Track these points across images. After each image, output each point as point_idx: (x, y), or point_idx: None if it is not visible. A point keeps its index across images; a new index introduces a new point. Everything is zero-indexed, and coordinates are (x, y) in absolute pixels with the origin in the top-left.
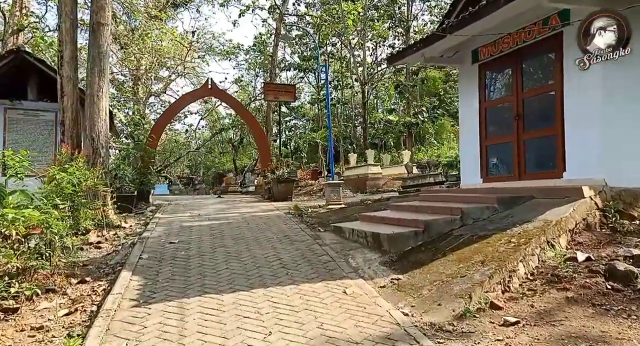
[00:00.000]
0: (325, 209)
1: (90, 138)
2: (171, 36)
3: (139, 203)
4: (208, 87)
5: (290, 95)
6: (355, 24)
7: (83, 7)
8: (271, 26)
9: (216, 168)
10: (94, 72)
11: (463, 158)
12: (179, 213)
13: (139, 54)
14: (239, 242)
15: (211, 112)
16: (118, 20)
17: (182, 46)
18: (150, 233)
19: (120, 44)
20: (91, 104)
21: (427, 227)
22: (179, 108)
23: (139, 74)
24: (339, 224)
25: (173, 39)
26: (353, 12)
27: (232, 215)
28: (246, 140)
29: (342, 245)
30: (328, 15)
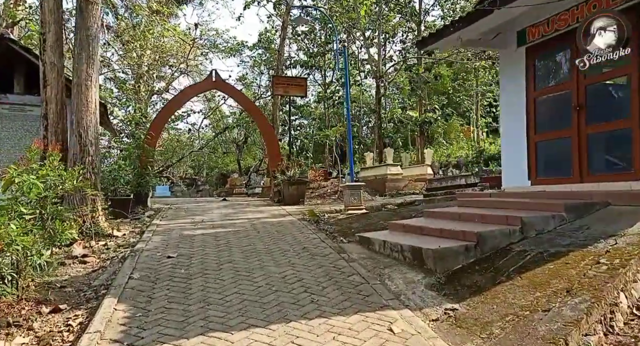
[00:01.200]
0: (344, 215)
1: (77, 134)
2: (174, 33)
3: (135, 208)
4: (212, 79)
5: (301, 89)
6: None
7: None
8: (276, 23)
9: (220, 168)
10: (81, 58)
11: (505, 156)
12: (180, 220)
13: (140, 50)
14: (249, 256)
15: (215, 111)
16: (120, 17)
17: (185, 43)
18: (145, 245)
19: (122, 41)
20: (78, 94)
21: (480, 240)
22: (180, 102)
23: (140, 72)
24: (366, 234)
25: (175, 35)
26: (365, 2)
27: (240, 222)
28: (251, 140)
29: (373, 261)
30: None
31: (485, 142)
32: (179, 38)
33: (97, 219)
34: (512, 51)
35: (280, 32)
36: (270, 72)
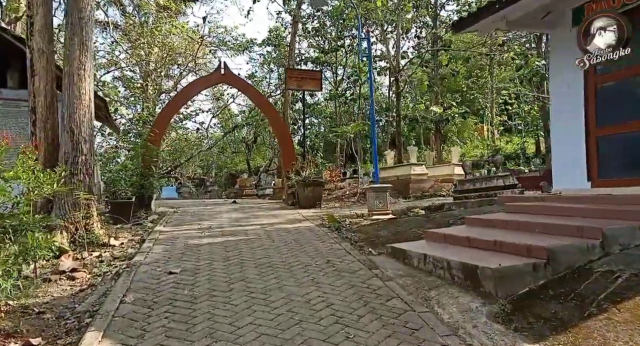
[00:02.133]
0: (368, 220)
1: (69, 130)
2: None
3: (138, 212)
4: (221, 72)
5: (315, 82)
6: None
7: None
8: (286, 20)
9: (229, 168)
10: (73, 44)
11: (557, 154)
12: (186, 225)
13: (148, 48)
14: (264, 272)
15: (224, 109)
16: (128, 15)
17: (193, 41)
18: (144, 257)
19: (129, 39)
20: (70, 86)
21: (552, 257)
22: (187, 96)
23: (148, 70)
24: (399, 245)
25: (183, 33)
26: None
27: (252, 228)
28: (260, 139)
29: (413, 281)
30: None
31: (500, 140)
32: (187, 35)
33: (92, 226)
34: (565, 32)
35: (291, 27)
36: (280, 70)
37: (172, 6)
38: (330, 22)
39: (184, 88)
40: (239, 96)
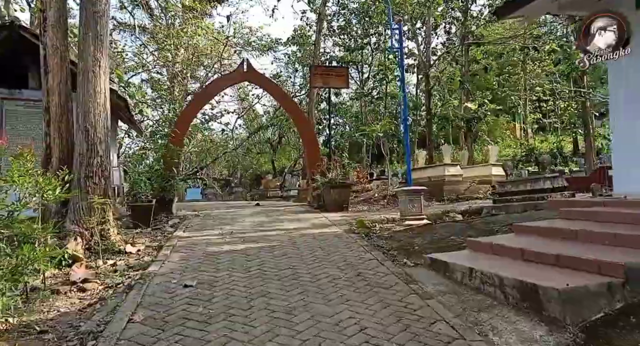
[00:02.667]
0: (401, 226)
1: (84, 130)
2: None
3: (158, 215)
4: (244, 70)
5: (342, 79)
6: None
7: None
8: (310, 19)
9: (254, 169)
10: (87, 39)
11: (620, 153)
12: (206, 230)
13: (175, 50)
14: (288, 286)
15: (248, 110)
16: (155, 17)
17: (219, 42)
18: (159, 267)
19: (156, 41)
20: (84, 83)
21: (631, 276)
22: (210, 95)
23: (175, 72)
24: (439, 256)
25: (209, 34)
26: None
27: (275, 234)
28: (285, 140)
29: (459, 299)
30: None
31: (534, 139)
32: (212, 36)
33: (108, 232)
34: (630, 15)
35: (316, 24)
36: (304, 69)
37: (198, 7)
38: (356, 19)
39: (207, 87)
40: (264, 96)
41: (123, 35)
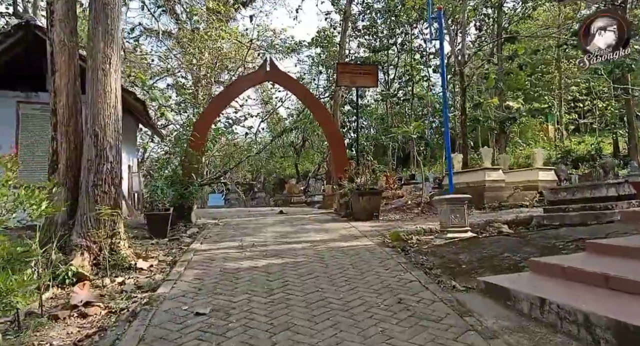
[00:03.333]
0: (442, 239)
1: (93, 134)
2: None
3: (176, 224)
4: (266, 69)
5: (371, 78)
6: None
7: None
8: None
9: (277, 173)
10: (96, 34)
11: None
12: (225, 242)
13: (199, 53)
14: (317, 316)
15: (272, 114)
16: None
17: (242, 45)
18: (170, 287)
19: (181, 46)
20: (93, 82)
21: None
22: (231, 96)
23: (199, 76)
24: (496, 280)
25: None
26: None
27: (301, 247)
28: (309, 143)
29: (531, 341)
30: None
31: (570, 140)
32: (236, 40)
33: (118, 245)
34: None
35: (341, 24)
36: (329, 71)
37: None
38: (381, 19)
39: (227, 87)
40: (288, 99)
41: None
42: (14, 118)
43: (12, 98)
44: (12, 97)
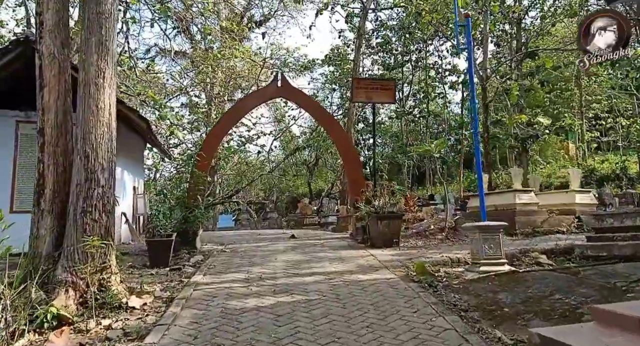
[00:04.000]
0: (474, 273)
1: (83, 156)
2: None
3: (180, 251)
4: (277, 85)
5: (388, 93)
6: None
7: None
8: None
9: (290, 192)
10: (89, 45)
11: None
12: (231, 274)
13: (212, 72)
14: None
15: (285, 132)
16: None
17: (255, 64)
18: (160, 335)
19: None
20: (85, 98)
21: None
22: (240, 113)
23: (212, 95)
24: (553, 333)
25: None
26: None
27: (314, 281)
28: (322, 161)
29: None
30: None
31: (593, 159)
32: (249, 59)
33: (108, 281)
34: None
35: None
36: (342, 89)
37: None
38: (395, 36)
39: (236, 104)
40: (301, 117)
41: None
42: (12, 138)
43: (11, 118)
44: (11, 116)
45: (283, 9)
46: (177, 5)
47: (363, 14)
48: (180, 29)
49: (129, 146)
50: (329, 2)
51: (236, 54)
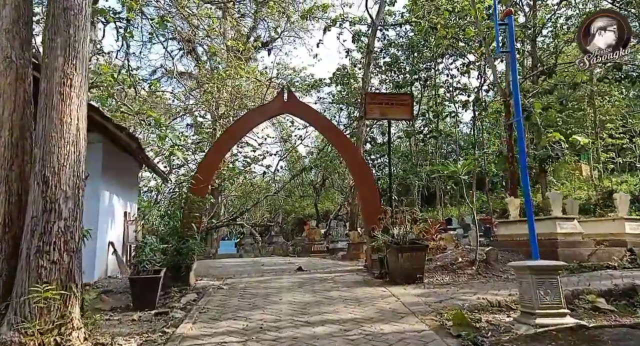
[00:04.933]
0: (528, 326)
1: (41, 181)
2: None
3: (171, 288)
4: (283, 99)
5: (405, 109)
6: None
7: None
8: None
9: (296, 213)
10: (54, 47)
11: None
12: (226, 320)
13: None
14: None
15: (291, 152)
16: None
17: (261, 84)
18: None
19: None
20: (47, 110)
21: None
22: (241, 132)
23: (218, 114)
24: None
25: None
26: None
27: (326, 333)
28: (329, 182)
29: None
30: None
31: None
32: (255, 78)
33: (68, 339)
34: None
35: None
36: (349, 109)
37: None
38: (403, 55)
39: (238, 121)
40: (307, 137)
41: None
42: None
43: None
44: None
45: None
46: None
47: (372, 30)
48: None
49: (119, 168)
50: (336, 18)
51: (242, 74)
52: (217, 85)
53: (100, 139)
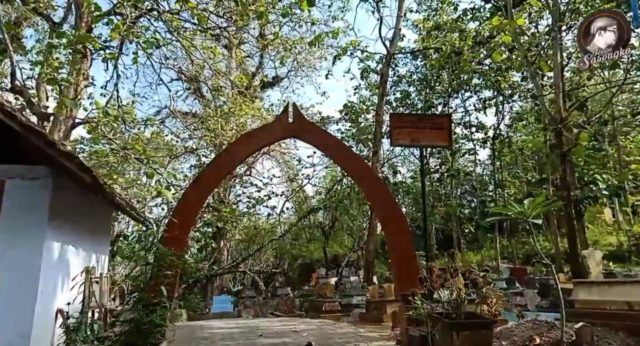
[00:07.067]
0: None
1: None
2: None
3: None
4: (288, 120)
5: (441, 134)
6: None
7: None
8: (364, 96)
9: (303, 258)
10: None
11: None
12: None
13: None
14: None
15: (297, 192)
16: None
17: (267, 122)
18: None
19: (205, 125)
20: None
21: None
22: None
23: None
24: None
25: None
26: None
27: None
28: (338, 224)
29: None
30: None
31: None
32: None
33: None
34: None
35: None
36: (360, 146)
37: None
38: (415, 92)
39: (230, 147)
40: (315, 177)
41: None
42: None
43: None
44: None
45: (296, 68)
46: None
47: (386, 58)
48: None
49: (81, 211)
50: (346, 47)
51: (247, 110)
52: (221, 122)
53: (47, 173)
